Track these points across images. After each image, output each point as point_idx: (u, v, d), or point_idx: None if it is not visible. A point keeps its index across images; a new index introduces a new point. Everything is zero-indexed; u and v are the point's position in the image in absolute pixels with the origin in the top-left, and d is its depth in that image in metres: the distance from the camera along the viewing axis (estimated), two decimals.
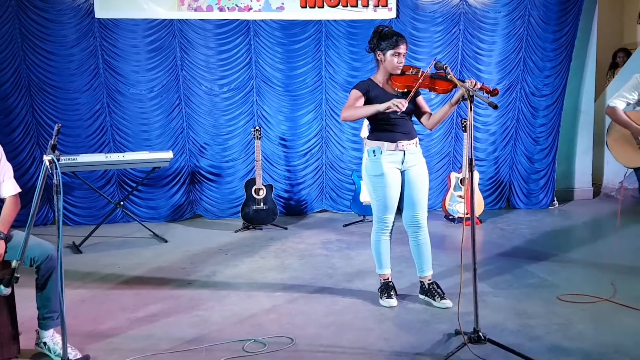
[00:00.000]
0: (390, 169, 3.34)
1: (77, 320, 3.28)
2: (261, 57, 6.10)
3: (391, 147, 3.32)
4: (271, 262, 4.50)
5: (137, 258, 4.68)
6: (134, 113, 5.98)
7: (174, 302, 3.56)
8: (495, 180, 6.51)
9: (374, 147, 3.35)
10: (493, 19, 6.24)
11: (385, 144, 3.32)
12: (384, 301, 3.43)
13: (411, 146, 3.37)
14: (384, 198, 3.36)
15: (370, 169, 3.38)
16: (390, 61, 3.30)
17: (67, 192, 5.95)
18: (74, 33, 5.77)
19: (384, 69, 3.36)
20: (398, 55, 3.29)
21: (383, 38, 3.30)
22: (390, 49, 3.28)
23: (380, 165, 3.33)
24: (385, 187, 3.34)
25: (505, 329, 3.02)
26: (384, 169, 3.32)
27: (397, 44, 3.27)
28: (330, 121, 6.32)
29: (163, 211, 6.15)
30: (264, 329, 3.10)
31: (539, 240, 5.07)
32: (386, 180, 3.33)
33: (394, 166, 3.35)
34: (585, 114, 6.91)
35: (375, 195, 3.39)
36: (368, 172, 3.40)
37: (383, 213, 3.40)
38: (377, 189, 3.37)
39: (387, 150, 3.32)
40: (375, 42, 3.34)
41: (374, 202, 3.42)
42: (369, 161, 3.38)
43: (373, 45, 3.36)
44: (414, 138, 3.39)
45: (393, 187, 3.35)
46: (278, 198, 6.27)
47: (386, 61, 3.32)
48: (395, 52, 3.28)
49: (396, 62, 3.29)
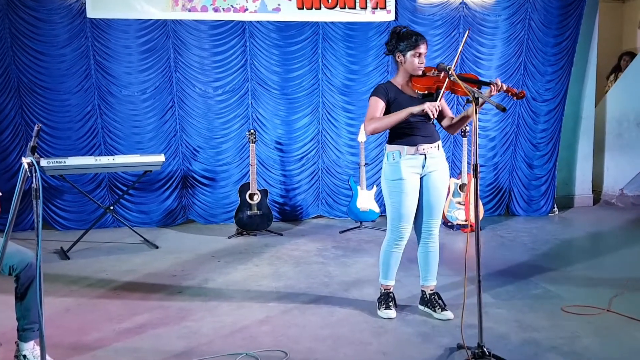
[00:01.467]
0: (410, 175, 3.18)
1: (61, 331, 3.13)
2: (257, 59, 5.97)
3: (411, 150, 3.17)
4: (265, 269, 4.36)
5: (127, 265, 4.53)
6: (126, 115, 5.84)
7: (163, 312, 3.41)
8: (494, 186, 6.39)
9: (393, 151, 3.20)
10: (493, 23, 6.14)
11: (405, 147, 3.17)
12: (383, 312, 3.29)
13: (433, 150, 3.22)
14: (399, 205, 3.20)
15: (388, 174, 3.23)
16: (411, 62, 3.16)
17: (56, 196, 5.80)
18: (65, 33, 5.64)
19: (404, 71, 3.22)
20: (419, 56, 3.15)
21: (402, 39, 3.16)
22: (410, 49, 3.14)
23: (399, 169, 3.18)
24: (402, 192, 3.18)
25: (509, 343, 2.89)
26: (403, 173, 3.17)
27: (417, 44, 3.13)
28: (327, 125, 6.19)
29: (155, 216, 6.00)
30: (256, 341, 2.95)
31: (540, 249, 4.95)
32: (404, 185, 3.17)
33: (414, 171, 3.20)
34: (586, 120, 6.81)
35: (390, 201, 3.24)
36: (386, 177, 3.25)
37: (398, 221, 3.23)
38: (393, 195, 3.21)
39: (407, 154, 3.17)
40: (394, 44, 3.20)
41: (389, 209, 3.27)
42: (388, 165, 3.23)
43: (392, 47, 3.22)
44: (435, 141, 3.24)
45: (410, 194, 3.19)
46: (273, 203, 6.13)
47: (406, 62, 3.18)
48: (415, 52, 3.14)
49: (417, 62, 3.15)
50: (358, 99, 6.14)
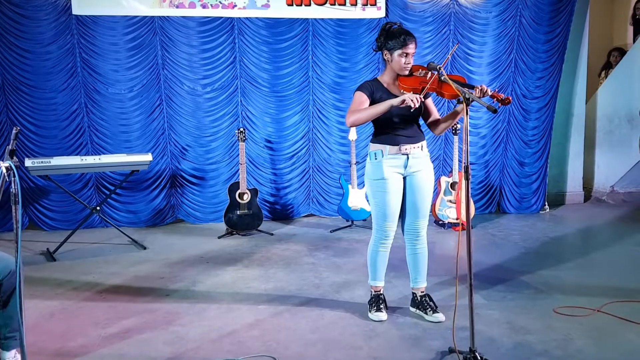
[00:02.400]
0: (392, 174, 3.15)
1: (45, 337, 3.06)
2: (246, 56, 5.90)
3: (393, 150, 3.13)
4: (255, 271, 4.30)
5: (114, 266, 4.45)
6: (113, 113, 5.75)
7: (150, 316, 3.35)
8: (485, 184, 6.37)
9: (375, 151, 3.17)
10: (484, 19, 6.10)
11: (387, 147, 3.14)
12: (374, 314, 3.25)
13: (416, 150, 3.17)
14: (383, 204, 3.17)
15: (371, 173, 3.20)
16: (398, 61, 3.11)
17: (42, 196, 5.71)
18: (51, 30, 5.53)
19: (391, 69, 3.17)
20: (406, 56, 3.09)
21: (390, 37, 3.11)
22: (398, 48, 3.08)
23: (381, 169, 3.14)
24: (385, 192, 3.15)
25: (501, 346, 2.86)
26: (385, 173, 3.14)
27: (405, 44, 3.07)
28: (318, 123, 6.13)
29: (143, 216, 5.92)
30: (245, 347, 2.90)
31: (531, 248, 4.92)
32: (387, 185, 3.14)
33: (396, 171, 3.16)
34: (577, 117, 6.80)
35: (374, 201, 3.21)
36: (369, 176, 3.22)
37: (382, 221, 3.20)
38: (376, 194, 3.18)
39: (389, 153, 3.14)
40: (383, 41, 3.14)
41: (373, 209, 3.23)
42: (370, 165, 3.20)
43: (380, 44, 3.17)
44: (419, 142, 3.20)
45: (393, 193, 3.16)
46: (263, 202, 6.07)
47: (393, 61, 3.13)
48: (403, 52, 3.08)
49: (404, 62, 3.10)
50: (349, 97, 6.07)
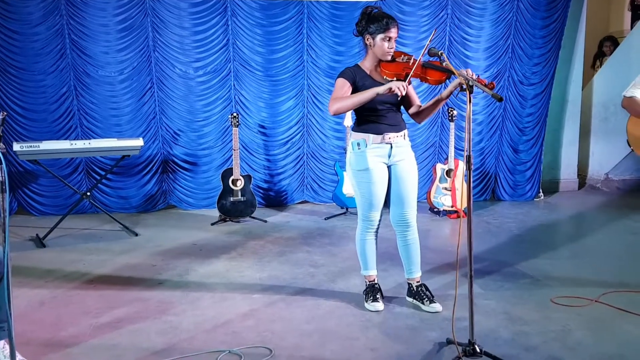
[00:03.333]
0: (376, 164, 3.10)
1: (35, 326, 2.99)
2: (239, 39, 5.77)
3: (377, 139, 3.07)
4: (249, 259, 4.24)
5: (105, 253, 4.38)
6: (103, 97, 5.63)
7: (142, 305, 3.28)
8: (480, 171, 6.33)
9: (358, 140, 3.10)
10: (481, 4, 6.01)
11: (370, 136, 3.07)
12: (370, 305, 3.20)
13: (399, 139, 3.13)
14: (368, 194, 3.12)
15: (354, 163, 3.13)
16: (380, 46, 3.03)
17: (31, 181, 5.60)
18: (39, 10, 5.38)
19: (373, 55, 3.09)
20: (389, 40, 3.02)
21: (372, 20, 3.02)
22: (380, 32, 3.00)
23: (365, 159, 3.08)
24: (370, 182, 3.10)
25: (499, 337, 2.82)
26: (369, 163, 3.08)
27: (387, 27, 2.99)
28: (312, 108, 6.04)
29: (134, 201, 5.83)
30: (239, 337, 2.84)
31: (527, 236, 4.90)
32: (371, 175, 3.09)
33: (380, 160, 3.11)
34: (572, 104, 6.75)
35: (359, 191, 3.15)
36: (352, 167, 3.15)
37: (368, 211, 3.16)
38: (361, 185, 3.13)
39: (373, 143, 3.07)
40: (364, 25, 3.06)
41: (359, 199, 3.18)
42: (353, 154, 3.13)
43: (361, 28, 3.08)
44: (402, 130, 3.15)
45: (379, 182, 3.11)
46: (257, 189, 5.99)
47: (375, 46, 3.05)
48: (385, 36, 3.01)
49: (387, 47, 3.02)
50: None
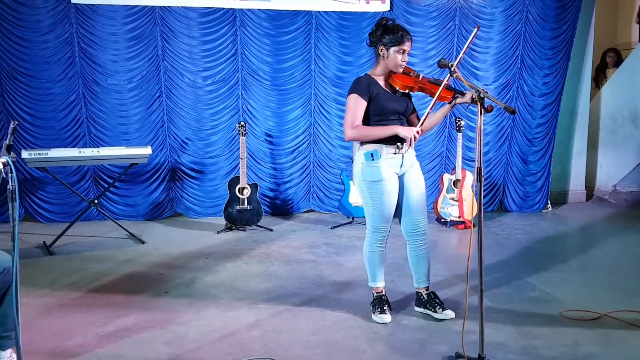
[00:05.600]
0: (390, 175, 3.08)
1: (41, 335, 2.98)
2: (247, 49, 5.79)
3: (390, 150, 3.06)
4: (255, 268, 4.23)
5: (111, 261, 4.37)
6: (112, 105, 5.65)
7: (148, 315, 3.27)
8: (488, 182, 6.29)
9: (371, 150, 3.07)
10: (490, 15, 6.01)
11: (384, 147, 3.06)
12: (377, 317, 3.18)
13: (410, 149, 3.13)
14: (381, 206, 3.09)
15: (367, 175, 3.10)
16: (394, 58, 3.04)
17: (39, 188, 5.62)
18: (49, 18, 5.42)
19: (385, 65, 3.10)
20: (402, 53, 3.03)
21: (387, 32, 3.04)
22: (395, 45, 3.02)
23: (379, 170, 3.06)
24: (383, 193, 3.07)
25: (509, 352, 2.79)
26: (383, 174, 3.06)
27: (402, 41, 3.01)
28: (319, 117, 6.04)
29: (141, 209, 5.83)
30: (245, 348, 2.82)
31: (535, 248, 4.86)
32: (385, 186, 3.06)
33: (393, 171, 3.10)
34: (581, 115, 6.72)
35: (371, 202, 3.12)
36: (364, 178, 3.11)
37: (379, 222, 3.13)
38: (374, 196, 3.10)
39: (387, 153, 3.06)
40: (379, 36, 3.07)
41: (370, 211, 3.15)
42: (366, 166, 3.09)
43: (375, 39, 3.09)
44: None
45: (391, 194, 3.09)
46: (263, 197, 5.98)
47: (389, 58, 3.06)
48: (400, 48, 3.02)
49: (400, 59, 3.04)
50: None
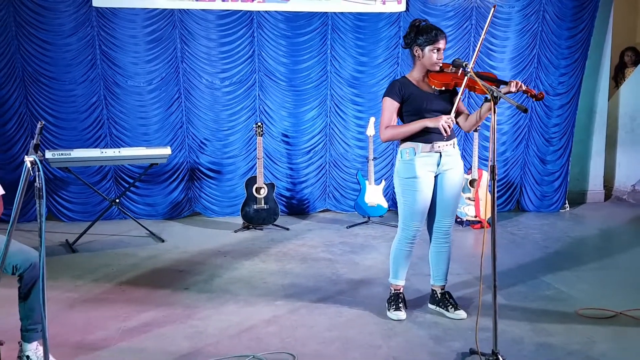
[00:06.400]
0: (424, 173, 3.12)
1: (65, 329, 3.08)
2: (264, 50, 5.87)
3: (426, 148, 3.10)
4: (272, 266, 4.30)
5: (132, 258, 4.48)
6: (132, 106, 5.76)
7: (169, 310, 3.36)
8: (505, 182, 6.29)
9: (407, 148, 3.13)
10: (506, 14, 6.00)
11: (420, 145, 3.10)
12: (392, 313, 3.22)
13: (448, 148, 3.15)
14: (412, 203, 3.13)
15: (402, 171, 3.16)
16: (429, 57, 3.08)
17: (61, 188, 5.75)
18: (71, 22, 5.54)
19: (421, 66, 3.14)
20: (437, 51, 3.07)
21: (421, 32, 3.09)
22: (429, 44, 3.06)
23: (414, 167, 3.11)
24: (416, 191, 3.11)
25: (523, 348, 2.82)
26: (417, 171, 3.10)
27: (436, 39, 3.06)
28: (335, 118, 6.09)
29: (161, 208, 5.94)
30: (263, 343, 2.89)
31: (552, 247, 4.85)
32: (418, 184, 3.11)
33: (428, 169, 3.13)
34: (599, 115, 6.68)
35: (403, 199, 3.17)
36: (400, 175, 3.18)
37: (410, 220, 3.17)
38: (406, 193, 3.15)
39: (422, 151, 3.10)
40: (413, 37, 3.11)
41: (401, 207, 3.20)
42: (402, 163, 3.16)
43: (410, 41, 3.14)
44: (451, 139, 3.17)
45: (424, 192, 3.13)
46: (279, 197, 6.05)
47: (424, 57, 3.10)
48: (434, 47, 3.06)
49: (435, 58, 3.08)
50: (367, 92, 6.03)
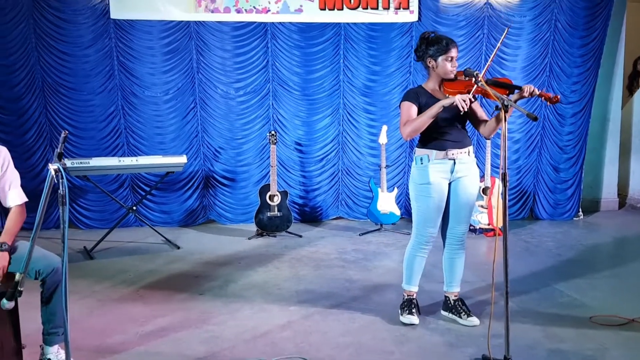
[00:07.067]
0: (437, 179, 3.16)
1: (84, 334, 3.15)
2: (278, 60, 5.96)
3: (440, 155, 3.15)
4: (285, 272, 4.35)
5: (149, 265, 4.56)
6: (149, 116, 5.88)
7: (185, 315, 3.42)
8: (518, 190, 6.29)
9: (421, 155, 3.19)
10: (518, 23, 6.04)
11: (433, 152, 3.15)
12: (405, 317, 3.26)
13: (463, 155, 3.18)
14: (425, 209, 3.18)
15: (416, 177, 3.21)
16: (443, 66, 3.13)
17: (79, 196, 5.86)
18: (90, 34, 5.68)
19: (436, 76, 3.19)
20: (451, 60, 3.12)
21: (431, 44, 3.14)
22: (442, 54, 3.11)
23: (427, 173, 3.15)
24: (429, 197, 3.16)
25: (535, 355, 2.83)
26: (431, 178, 3.14)
27: (448, 48, 3.10)
28: (348, 126, 6.16)
29: (176, 216, 6.03)
30: (277, 348, 2.94)
31: (565, 255, 4.85)
32: (431, 190, 3.15)
33: (442, 176, 3.17)
34: (613, 122, 6.68)
35: (417, 205, 3.22)
36: (414, 181, 3.23)
37: (423, 226, 3.21)
38: (419, 199, 3.20)
39: (436, 158, 3.15)
40: (424, 49, 3.17)
41: (415, 213, 3.25)
42: (416, 169, 3.21)
43: (421, 53, 3.19)
44: (466, 147, 3.20)
45: (437, 198, 3.17)
46: (293, 204, 6.11)
47: (438, 67, 3.14)
48: (447, 56, 3.11)
49: (449, 66, 3.12)
50: (379, 100, 6.10)
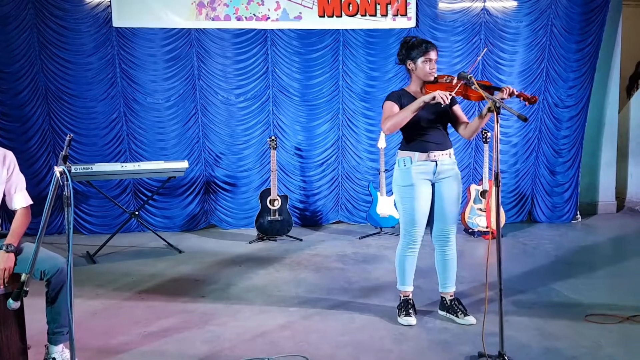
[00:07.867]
0: (420, 180, 3.24)
1: (88, 334, 3.21)
2: (278, 67, 6.05)
3: (422, 157, 3.23)
4: (286, 275, 4.41)
5: (151, 269, 4.62)
6: (151, 122, 5.96)
7: (187, 317, 3.48)
8: (516, 193, 6.36)
9: (404, 158, 3.27)
10: (515, 29, 6.13)
11: (416, 154, 3.23)
12: (403, 319, 3.31)
13: (444, 157, 3.26)
14: (411, 210, 3.25)
15: (399, 180, 3.29)
16: (422, 68, 3.22)
17: (82, 201, 5.93)
18: (92, 42, 5.78)
19: (417, 79, 3.28)
20: (429, 62, 3.21)
21: (412, 47, 3.24)
22: (421, 56, 3.20)
23: (410, 175, 3.23)
24: (413, 198, 3.23)
25: (530, 352, 2.89)
26: (414, 179, 3.22)
27: (427, 50, 3.20)
28: (347, 131, 6.23)
29: (178, 221, 6.10)
30: (278, 347, 3.00)
31: (563, 257, 4.91)
32: (415, 191, 3.23)
33: (424, 177, 3.25)
34: (609, 126, 6.74)
35: (402, 206, 3.30)
36: (397, 183, 3.31)
37: (410, 226, 3.29)
38: (404, 201, 3.27)
39: (418, 160, 3.23)
40: (405, 53, 3.27)
41: (401, 215, 3.32)
42: (399, 171, 3.29)
43: (402, 57, 3.29)
44: (447, 149, 3.28)
45: (422, 199, 3.24)
46: (293, 209, 6.18)
47: (418, 69, 3.24)
48: (426, 58, 3.20)
49: (428, 68, 3.21)
50: (378, 105, 6.17)
